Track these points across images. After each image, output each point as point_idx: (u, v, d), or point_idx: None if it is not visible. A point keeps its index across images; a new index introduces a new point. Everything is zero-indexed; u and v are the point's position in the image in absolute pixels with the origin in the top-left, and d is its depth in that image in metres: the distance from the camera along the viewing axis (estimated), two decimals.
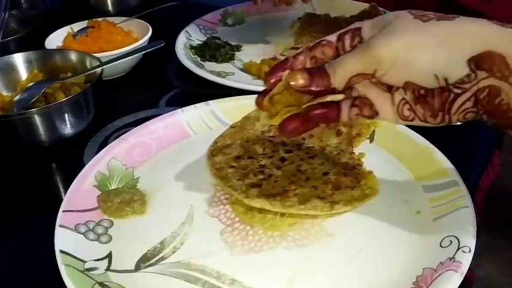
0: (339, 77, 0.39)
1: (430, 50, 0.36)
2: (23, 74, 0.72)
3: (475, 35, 0.36)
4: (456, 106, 0.37)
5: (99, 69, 0.68)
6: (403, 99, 0.39)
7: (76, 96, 0.62)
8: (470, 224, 0.44)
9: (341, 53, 0.41)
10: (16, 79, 0.71)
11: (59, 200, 0.50)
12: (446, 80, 0.36)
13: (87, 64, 0.71)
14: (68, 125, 0.63)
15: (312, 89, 0.40)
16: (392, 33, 0.37)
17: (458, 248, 0.42)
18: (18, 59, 0.72)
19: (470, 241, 0.42)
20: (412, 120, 0.40)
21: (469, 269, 0.41)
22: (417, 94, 0.38)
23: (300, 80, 0.39)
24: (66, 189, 0.52)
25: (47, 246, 0.45)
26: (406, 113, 0.39)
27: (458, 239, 0.43)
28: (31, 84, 0.68)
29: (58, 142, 0.63)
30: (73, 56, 0.72)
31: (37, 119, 0.60)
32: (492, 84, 0.35)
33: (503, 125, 0.37)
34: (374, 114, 0.41)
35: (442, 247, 0.43)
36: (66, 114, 0.62)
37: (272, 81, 0.42)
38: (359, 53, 0.39)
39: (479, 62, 0.35)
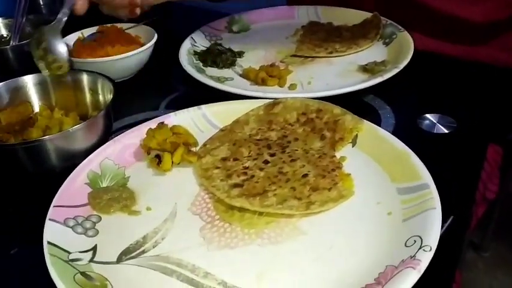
0: None
1: None
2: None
3: None
4: None
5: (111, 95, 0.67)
6: None
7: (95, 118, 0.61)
8: (435, 224, 0.45)
9: None
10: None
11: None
12: None
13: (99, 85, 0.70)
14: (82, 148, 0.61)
15: None
16: None
17: (420, 247, 0.43)
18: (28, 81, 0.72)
19: (432, 241, 0.44)
20: None
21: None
22: None
23: None
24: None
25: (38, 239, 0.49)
26: None
27: (421, 239, 0.44)
28: None
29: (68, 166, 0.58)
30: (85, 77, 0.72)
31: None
32: None
33: None
34: None
35: (407, 246, 0.45)
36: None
37: None
38: None
39: None
